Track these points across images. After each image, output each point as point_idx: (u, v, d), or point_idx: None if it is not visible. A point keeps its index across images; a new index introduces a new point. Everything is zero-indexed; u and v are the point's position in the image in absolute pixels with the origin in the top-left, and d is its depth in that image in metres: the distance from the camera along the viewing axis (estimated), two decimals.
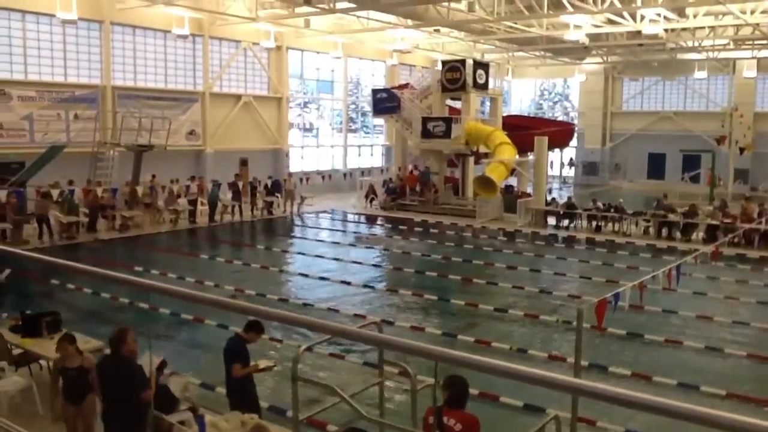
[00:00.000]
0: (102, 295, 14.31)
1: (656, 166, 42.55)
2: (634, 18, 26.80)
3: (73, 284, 15.08)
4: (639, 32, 28.72)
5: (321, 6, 25.10)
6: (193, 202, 24.75)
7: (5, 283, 9.60)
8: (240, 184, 26.75)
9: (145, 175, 24.91)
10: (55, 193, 21.16)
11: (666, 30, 28.99)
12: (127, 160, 24.88)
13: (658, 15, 26.30)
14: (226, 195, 25.96)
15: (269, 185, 28.10)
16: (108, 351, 7.94)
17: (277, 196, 28.04)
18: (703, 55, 36.52)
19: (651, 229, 23.29)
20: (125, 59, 27.14)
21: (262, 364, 7.61)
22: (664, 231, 22.95)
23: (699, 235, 22.26)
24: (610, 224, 23.99)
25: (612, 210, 24.05)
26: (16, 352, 9.04)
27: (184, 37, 28.35)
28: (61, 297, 14.65)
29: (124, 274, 4.98)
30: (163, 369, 7.14)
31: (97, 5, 25.32)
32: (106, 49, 26.22)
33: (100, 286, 14.31)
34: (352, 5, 24.52)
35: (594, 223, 24.15)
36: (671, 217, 22.92)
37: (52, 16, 24.05)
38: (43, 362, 8.99)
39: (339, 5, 25.02)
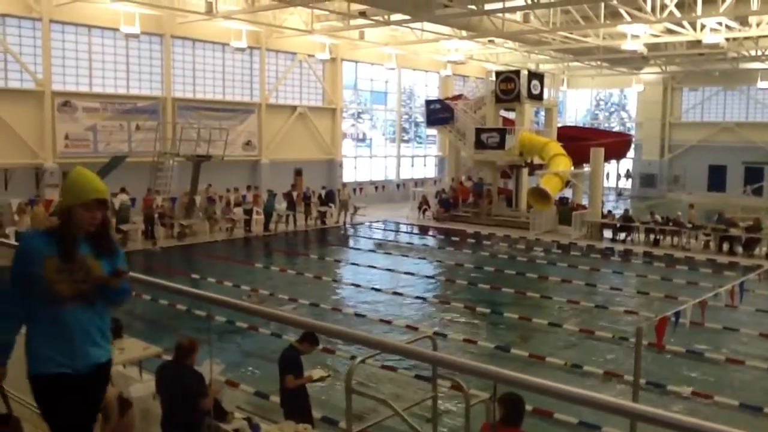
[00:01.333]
0: (160, 301, 14.65)
1: (717, 178, 41.41)
2: (694, 27, 26.21)
3: (132, 291, 15.43)
4: (699, 41, 28.04)
5: (376, 18, 25.30)
6: (248, 212, 25.14)
7: None
8: (294, 194, 27.10)
9: (201, 184, 25.42)
10: (117, 202, 21.74)
11: (727, 39, 28.22)
12: (186, 169, 25.45)
13: (720, 24, 25.65)
14: (281, 204, 26.31)
15: (323, 195, 28.36)
16: (167, 358, 8.13)
17: (331, 206, 28.28)
18: (766, 65, 35.45)
19: (711, 244, 22.67)
20: (185, 71, 27.85)
21: (316, 374, 7.67)
22: (725, 246, 22.30)
23: (762, 250, 21.57)
24: (668, 238, 23.44)
25: (670, 223, 23.48)
26: None
27: (242, 49, 28.92)
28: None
29: (182, 281, 5.14)
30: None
31: (158, 19, 26.05)
32: (167, 61, 26.95)
33: (158, 293, 14.63)
34: (407, 17, 24.62)
35: (652, 237, 23.63)
36: (733, 231, 22.25)
37: (116, 30, 24.87)
38: None
39: (394, 17, 25.18)
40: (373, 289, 16.99)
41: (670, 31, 27.52)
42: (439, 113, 30.50)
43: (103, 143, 25.15)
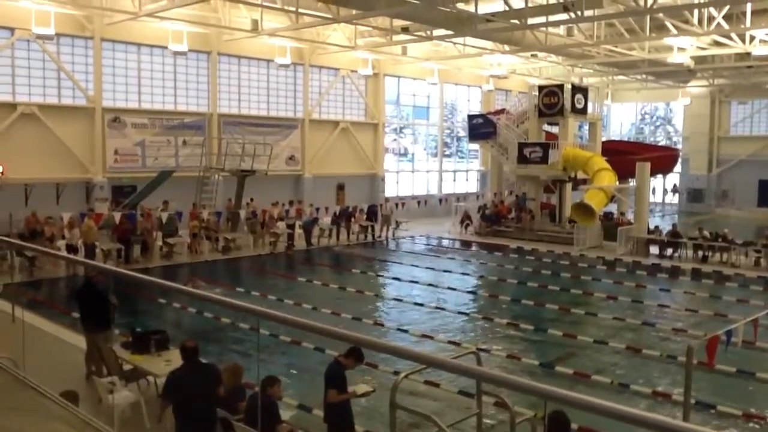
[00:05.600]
0: (205, 314, 14.84)
1: (767, 193, 40.35)
2: (743, 39, 25.71)
3: (178, 303, 15.70)
4: (748, 54, 27.50)
5: (418, 33, 25.40)
6: (291, 226, 25.36)
7: (116, 304, 10.10)
8: (338, 208, 27.29)
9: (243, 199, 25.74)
10: (164, 215, 22.16)
11: None
12: (231, 184, 25.81)
13: None
14: (323, 219, 26.48)
15: (365, 210, 28.45)
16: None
17: (372, 220, 28.34)
18: None
19: (762, 261, 22.06)
20: (230, 88, 28.38)
21: (361, 390, 7.63)
22: None
23: None
24: (717, 254, 22.89)
25: (719, 239, 22.93)
26: (126, 367, 9.49)
27: (286, 66, 29.32)
28: (167, 315, 15.28)
29: (226, 294, 5.24)
30: (271, 386, 7.25)
31: (205, 37, 26.61)
32: (213, 78, 27.49)
33: (203, 305, 14.84)
34: (450, 32, 24.66)
35: (700, 253, 23.11)
36: None
37: (165, 48, 25.50)
38: (150, 378, 9.38)
39: (436, 32, 25.24)
40: (415, 303, 16.95)
41: (717, 44, 27.03)
42: (481, 128, 30.42)
43: (151, 158, 25.70)
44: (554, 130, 29.70)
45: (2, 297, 12.45)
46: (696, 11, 22.39)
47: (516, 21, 21.66)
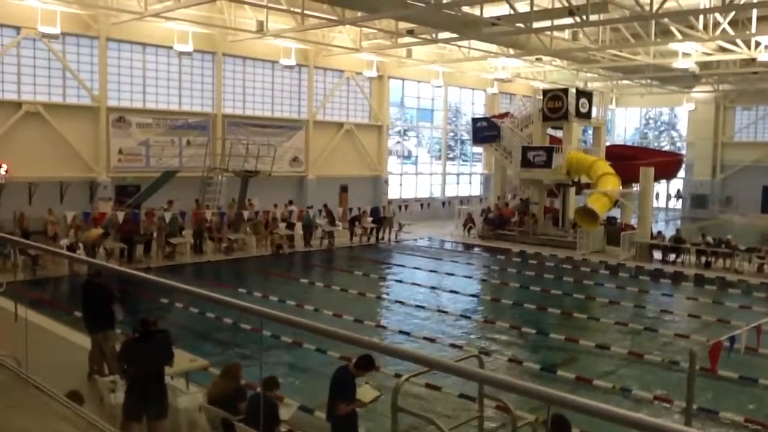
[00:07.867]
0: (207, 314, 14.85)
1: None
2: (748, 45, 25.68)
3: (180, 303, 15.71)
4: (753, 60, 27.47)
5: (423, 36, 25.42)
6: (291, 226, 25.37)
7: (120, 318, 10.12)
8: (340, 209, 27.27)
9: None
10: (168, 215, 22.18)
11: None
12: (234, 184, 25.84)
13: None
14: (323, 220, 26.49)
15: (368, 212, 28.46)
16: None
17: (378, 223, 28.31)
18: None
19: (765, 267, 22.02)
20: (235, 88, 28.39)
21: (369, 397, 7.50)
22: None
23: None
24: (720, 260, 22.84)
25: (723, 245, 22.88)
26: None
27: (291, 67, 29.35)
28: (170, 315, 15.28)
29: (228, 294, 5.28)
30: (271, 387, 7.26)
31: (210, 38, 26.65)
32: (218, 79, 27.52)
33: (206, 305, 14.84)
34: (455, 35, 24.68)
35: (703, 259, 23.07)
36: None
37: (170, 48, 25.54)
38: None
39: (441, 35, 25.27)
40: (417, 306, 16.95)
41: (722, 49, 27.01)
42: (485, 131, 30.42)
43: (155, 158, 25.73)
44: (558, 134, 29.68)
45: (5, 295, 12.46)
46: (701, 17, 22.39)
47: (521, 25, 21.67)
